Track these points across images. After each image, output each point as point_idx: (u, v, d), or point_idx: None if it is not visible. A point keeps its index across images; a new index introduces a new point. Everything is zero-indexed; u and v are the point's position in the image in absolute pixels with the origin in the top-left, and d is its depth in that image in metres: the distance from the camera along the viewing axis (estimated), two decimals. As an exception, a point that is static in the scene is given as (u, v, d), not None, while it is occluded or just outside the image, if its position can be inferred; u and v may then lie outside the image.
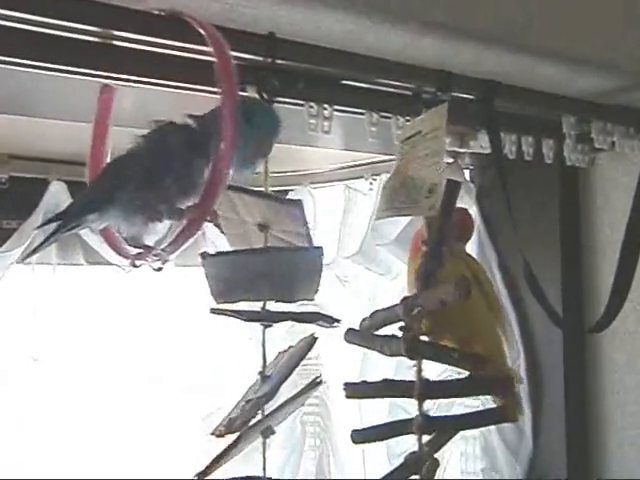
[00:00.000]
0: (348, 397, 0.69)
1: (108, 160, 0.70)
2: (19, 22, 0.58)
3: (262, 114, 0.65)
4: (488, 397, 0.73)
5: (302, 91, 0.67)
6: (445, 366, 0.75)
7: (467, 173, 1.23)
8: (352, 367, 1.32)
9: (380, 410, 1.25)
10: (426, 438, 0.65)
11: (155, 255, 0.65)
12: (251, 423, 0.68)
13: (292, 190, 1.43)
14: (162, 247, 0.64)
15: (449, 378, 0.71)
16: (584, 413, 1.11)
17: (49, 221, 0.63)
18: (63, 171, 1.30)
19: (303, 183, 1.44)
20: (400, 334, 0.65)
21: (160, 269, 0.66)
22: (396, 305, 0.66)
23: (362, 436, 0.69)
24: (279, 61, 0.63)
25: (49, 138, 1.18)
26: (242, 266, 0.67)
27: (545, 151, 0.96)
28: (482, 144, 0.92)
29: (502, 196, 0.75)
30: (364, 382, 0.70)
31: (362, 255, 1.35)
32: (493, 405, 0.70)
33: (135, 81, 0.66)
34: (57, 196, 1.30)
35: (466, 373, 0.67)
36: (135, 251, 0.67)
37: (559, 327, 0.89)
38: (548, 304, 0.79)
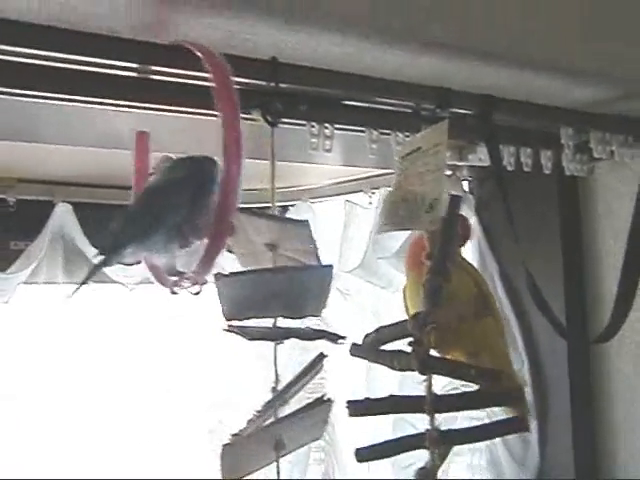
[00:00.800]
0: (351, 416, 0.68)
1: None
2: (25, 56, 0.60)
3: None
4: (495, 409, 0.73)
5: (305, 113, 0.69)
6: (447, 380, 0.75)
7: (466, 185, 1.25)
8: (356, 383, 1.33)
9: (386, 423, 1.25)
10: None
11: (190, 279, 0.66)
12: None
13: (292, 205, 1.44)
14: (193, 270, 0.65)
15: (456, 392, 0.71)
16: (591, 423, 1.11)
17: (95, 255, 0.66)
18: (68, 193, 1.33)
19: (303, 198, 1.45)
20: (409, 349, 0.65)
21: (198, 293, 0.67)
22: (404, 321, 0.67)
23: (367, 454, 0.68)
24: (282, 85, 0.65)
25: (54, 162, 1.21)
26: (256, 285, 0.68)
27: (544, 162, 0.97)
28: (481, 157, 0.93)
29: (503, 208, 0.75)
30: (367, 399, 0.70)
31: (363, 269, 1.35)
32: (503, 416, 0.70)
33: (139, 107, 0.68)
34: (63, 217, 1.32)
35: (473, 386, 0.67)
36: (172, 278, 0.69)
37: (564, 338, 0.89)
38: (552, 315, 0.80)
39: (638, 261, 0.90)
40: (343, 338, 0.74)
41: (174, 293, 0.69)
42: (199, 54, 0.59)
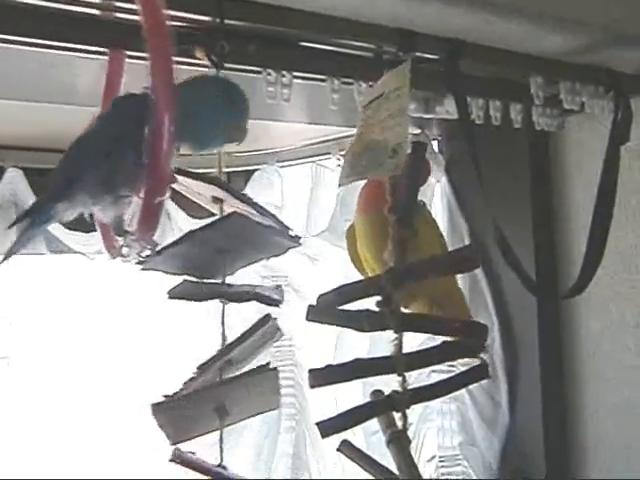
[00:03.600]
0: (313, 386, 0.62)
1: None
2: None
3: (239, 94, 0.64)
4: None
5: (254, 54, 0.63)
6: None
7: (435, 144, 1.21)
8: (326, 350, 1.31)
9: (356, 388, 1.23)
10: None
11: (135, 242, 0.62)
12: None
13: (259, 169, 1.40)
14: (136, 228, 0.61)
15: (421, 348, 0.69)
16: (560, 381, 1.11)
17: (18, 219, 0.61)
18: (19, 157, 1.26)
19: (270, 162, 1.41)
20: (377, 308, 0.62)
21: (147, 256, 0.63)
22: (371, 278, 0.63)
23: (330, 427, 0.63)
24: (229, 21, 0.59)
25: (3, 124, 1.13)
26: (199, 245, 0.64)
27: (513, 116, 0.94)
28: (448, 109, 0.90)
29: (472, 162, 0.72)
30: (330, 366, 0.64)
31: (331, 232, 1.32)
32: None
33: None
34: (14, 183, 1.26)
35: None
36: (120, 242, 0.65)
37: (534, 294, 0.87)
38: (522, 271, 0.78)
39: (607, 217, 0.88)
40: (278, 302, 0.69)
41: (123, 256, 0.66)
42: None
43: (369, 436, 1.25)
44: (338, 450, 0.65)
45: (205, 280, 0.70)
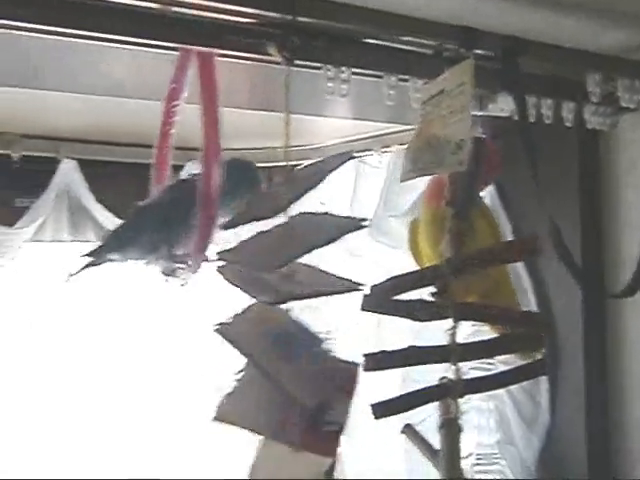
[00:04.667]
0: (367, 370, 0.64)
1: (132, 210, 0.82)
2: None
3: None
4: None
5: (322, 50, 0.65)
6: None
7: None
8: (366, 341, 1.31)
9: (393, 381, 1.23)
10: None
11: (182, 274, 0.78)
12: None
13: (301, 165, 1.41)
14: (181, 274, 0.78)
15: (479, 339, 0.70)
16: (605, 383, 1.09)
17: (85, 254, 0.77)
18: (73, 149, 1.30)
19: (312, 157, 1.43)
20: (432, 298, 0.63)
21: (183, 285, 0.79)
22: (424, 269, 0.65)
23: (383, 410, 0.65)
24: (300, 19, 0.61)
25: (59, 117, 1.17)
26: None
27: (565, 114, 0.93)
28: (503, 107, 0.90)
29: (528, 161, 0.72)
30: (384, 351, 0.66)
31: (373, 228, 1.33)
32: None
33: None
34: (68, 174, 1.30)
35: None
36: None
37: (586, 291, 0.86)
38: (576, 268, 0.78)
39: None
40: None
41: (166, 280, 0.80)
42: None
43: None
44: (402, 433, 0.67)
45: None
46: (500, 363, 1.01)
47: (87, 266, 0.77)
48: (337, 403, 0.62)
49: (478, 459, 1.26)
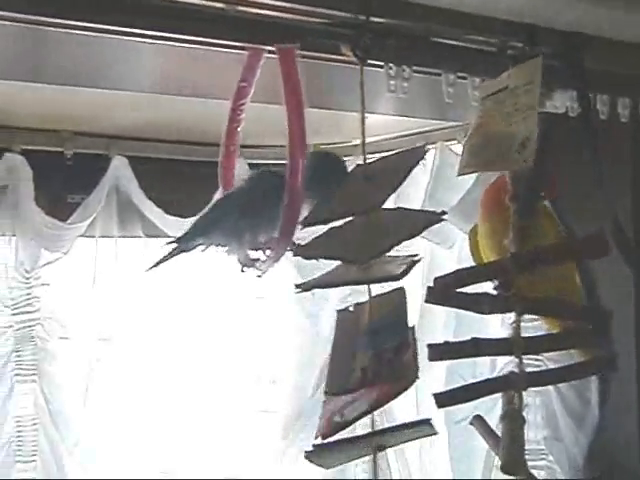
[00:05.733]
0: (432, 359, 0.66)
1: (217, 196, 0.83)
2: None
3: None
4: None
5: (393, 49, 0.67)
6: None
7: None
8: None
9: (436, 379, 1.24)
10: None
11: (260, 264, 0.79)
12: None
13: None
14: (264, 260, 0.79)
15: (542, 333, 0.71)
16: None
17: (170, 242, 0.78)
18: (124, 146, 1.34)
19: (355, 154, 1.44)
20: (496, 292, 0.64)
21: (260, 276, 0.80)
22: (489, 263, 0.66)
23: (447, 399, 0.66)
24: (373, 18, 0.63)
25: (110, 115, 1.20)
26: None
27: (621, 110, 0.93)
28: (556, 104, 0.90)
29: (592, 158, 0.73)
30: (448, 342, 0.69)
31: (420, 224, 1.33)
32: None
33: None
34: (119, 171, 1.33)
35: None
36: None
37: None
38: (635, 260, 0.78)
39: None
40: None
41: (242, 270, 0.80)
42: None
43: (452, 424, 1.27)
44: (470, 424, 0.68)
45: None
46: (548, 360, 1.03)
47: (174, 253, 0.77)
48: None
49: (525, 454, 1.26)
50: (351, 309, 0.70)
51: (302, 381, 1.43)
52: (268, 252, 0.76)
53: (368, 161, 0.74)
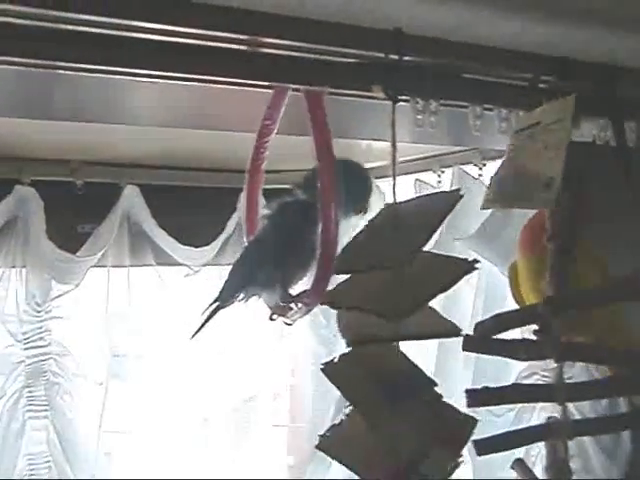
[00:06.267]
0: (470, 406, 0.64)
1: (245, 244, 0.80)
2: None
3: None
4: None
5: (428, 87, 0.65)
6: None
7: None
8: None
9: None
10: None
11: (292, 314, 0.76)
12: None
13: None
14: (296, 310, 0.75)
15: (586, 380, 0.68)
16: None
17: (212, 303, 0.76)
18: (135, 175, 1.32)
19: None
20: (536, 337, 0.62)
21: (290, 324, 0.77)
22: (529, 307, 0.63)
23: (487, 446, 0.64)
24: (405, 57, 0.61)
25: (120, 144, 1.19)
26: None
27: (646, 137, 0.91)
28: (583, 133, 0.88)
29: (627, 187, 0.71)
30: (487, 388, 0.66)
31: (437, 249, 1.31)
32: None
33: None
34: (131, 200, 1.31)
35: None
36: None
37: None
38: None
39: None
40: None
41: (271, 319, 0.78)
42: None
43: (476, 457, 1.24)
44: (511, 468, 0.66)
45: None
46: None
47: (216, 311, 0.75)
48: (437, 455, 0.60)
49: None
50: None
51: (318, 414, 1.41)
52: (300, 305, 0.73)
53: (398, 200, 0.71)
